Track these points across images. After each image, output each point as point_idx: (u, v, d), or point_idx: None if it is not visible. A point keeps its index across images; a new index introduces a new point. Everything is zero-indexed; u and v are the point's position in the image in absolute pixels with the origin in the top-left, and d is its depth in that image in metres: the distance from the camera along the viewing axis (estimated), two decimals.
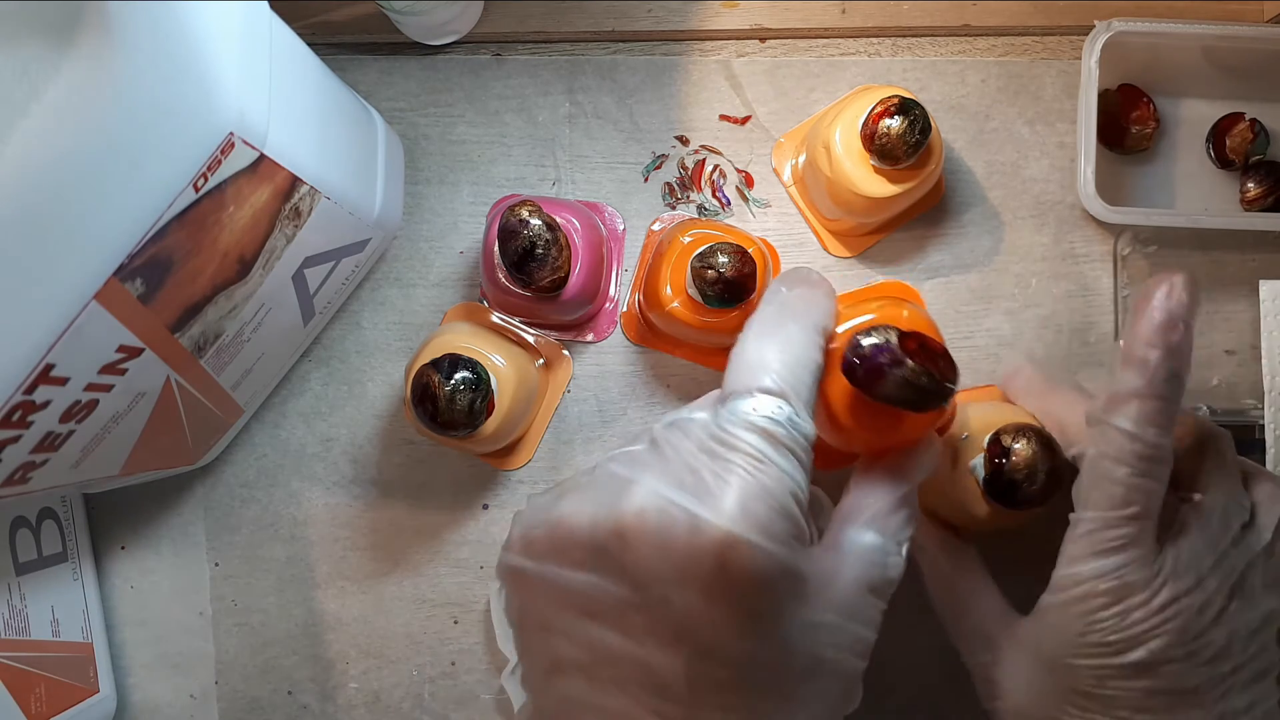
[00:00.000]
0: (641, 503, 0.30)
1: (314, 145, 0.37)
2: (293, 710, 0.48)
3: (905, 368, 0.32)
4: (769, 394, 0.31)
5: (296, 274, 0.40)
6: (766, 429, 0.30)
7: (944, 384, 0.32)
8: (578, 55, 0.49)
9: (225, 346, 0.39)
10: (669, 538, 0.29)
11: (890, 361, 0.32)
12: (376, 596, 0.48)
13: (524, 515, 0.33)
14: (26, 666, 0.42)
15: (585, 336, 0.48)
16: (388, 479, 0.48)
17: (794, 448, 0.30)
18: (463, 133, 0.49)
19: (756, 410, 0.30)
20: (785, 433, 0.30)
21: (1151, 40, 0.46)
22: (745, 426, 0.30)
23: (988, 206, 0.48)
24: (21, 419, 0.30)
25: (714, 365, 0.48)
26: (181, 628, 0.48)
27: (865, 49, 0.49)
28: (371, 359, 0.49)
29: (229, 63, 0.31)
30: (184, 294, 0.34)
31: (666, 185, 0.49)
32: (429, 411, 0.40)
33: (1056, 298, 0.48)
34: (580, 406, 0.48)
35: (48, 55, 0.25)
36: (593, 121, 0.49)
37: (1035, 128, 0.49)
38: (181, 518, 0.49)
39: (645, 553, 0.29)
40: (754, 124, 0.49)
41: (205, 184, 0.31)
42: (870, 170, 0.43)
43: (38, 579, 0.44)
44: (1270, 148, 0.48)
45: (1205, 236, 0.48)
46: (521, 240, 0.40)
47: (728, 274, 0.41)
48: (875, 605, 0.32)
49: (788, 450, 0.30)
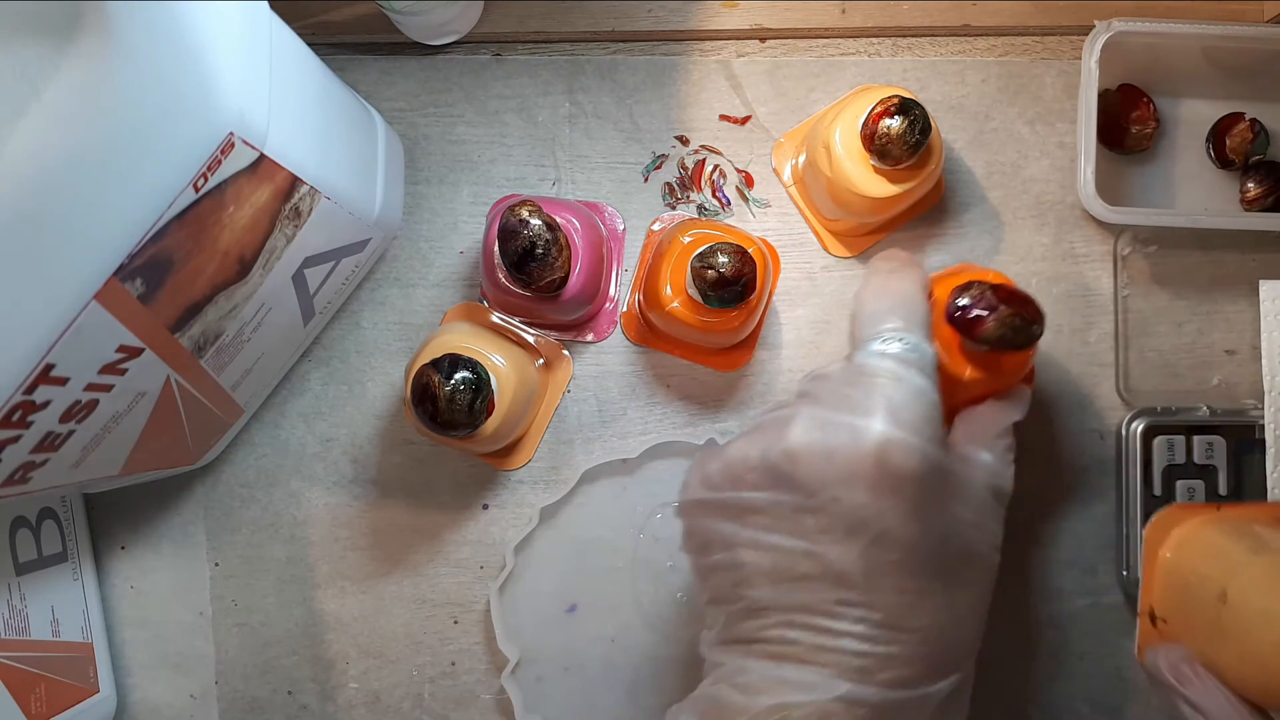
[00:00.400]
0: (804, 425, 0.34)
1: (314, 145, 0.37)
2: (293, 710, 0.48)
3: (1000, 312, 0.38)
4: (894, 331, 0.37)
5: (296, 274, 0.40)
6: (899, 355, 0.36)
7: (1033, 324, 0.38)
8: (578, 55, 0.49)
9: (225, 346, 0.39)
10: (832, 447, 0.34)
11: (988, 308, 0.38)
12: (376, 596, 0.48)
13: (698, 460, 0.38)
14: (26, 666, 0.42)
15: (585, 336, 0.48)
16: (388, 479, 0.48)
17: (924, 367, 0.36)
18: (463, 133, 0.49)
19: (887, 345, 0.36)
20: (915, 356, 0.36)
21: (1151, 40, 0.46)
22: (880, 357, 0.36)
23: (988, 206, 0.48)
24: (21, 419, 0.30)
25: (714, 365, 0.48)
26: (181, 628, 0.48)
27: (865, 49, 0.49)
28: (371, 359, 0.49)
29: (229, 63, 0.31)
30: (184, 294, 0.34)
31: (666, 185, 0.49)
32: (429, 411, 0.40)
33: (1056, 298, 0.48)
34: (580, 406, 0.48)
35: (48, 55, 0.25)
36: (593, 121, 0.49)
37: (1035, 128, 0.49)
38: (181, 518, 0.49)
39: (813, 463, 0.34)
40: (754, 124, 0.49)
41: (205, 184, 0.31)
42: (870, 170, 0.43)
43: (38, 579, 0.44)
44: (1270, 148, 0.48)
45: (1205, 236, 0.48)
46: (521, 240, 0.40)
47: (728, 274, 0.41)
48: (999, 509, 0.38)
49: (918, 370, 0.36)
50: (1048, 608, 0.48)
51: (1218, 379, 0.48)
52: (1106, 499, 0.48)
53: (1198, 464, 0.46)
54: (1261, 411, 0.46)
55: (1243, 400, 0.48)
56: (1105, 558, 0.48)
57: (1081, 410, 0.48)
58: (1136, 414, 0.47)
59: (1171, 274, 0.48)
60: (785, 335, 0.48)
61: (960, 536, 0.36)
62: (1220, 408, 0.47)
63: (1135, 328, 0.48)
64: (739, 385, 0.48)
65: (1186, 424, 0.46)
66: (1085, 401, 0.48)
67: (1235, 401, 0.48)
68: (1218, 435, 0.46)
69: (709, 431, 0.47)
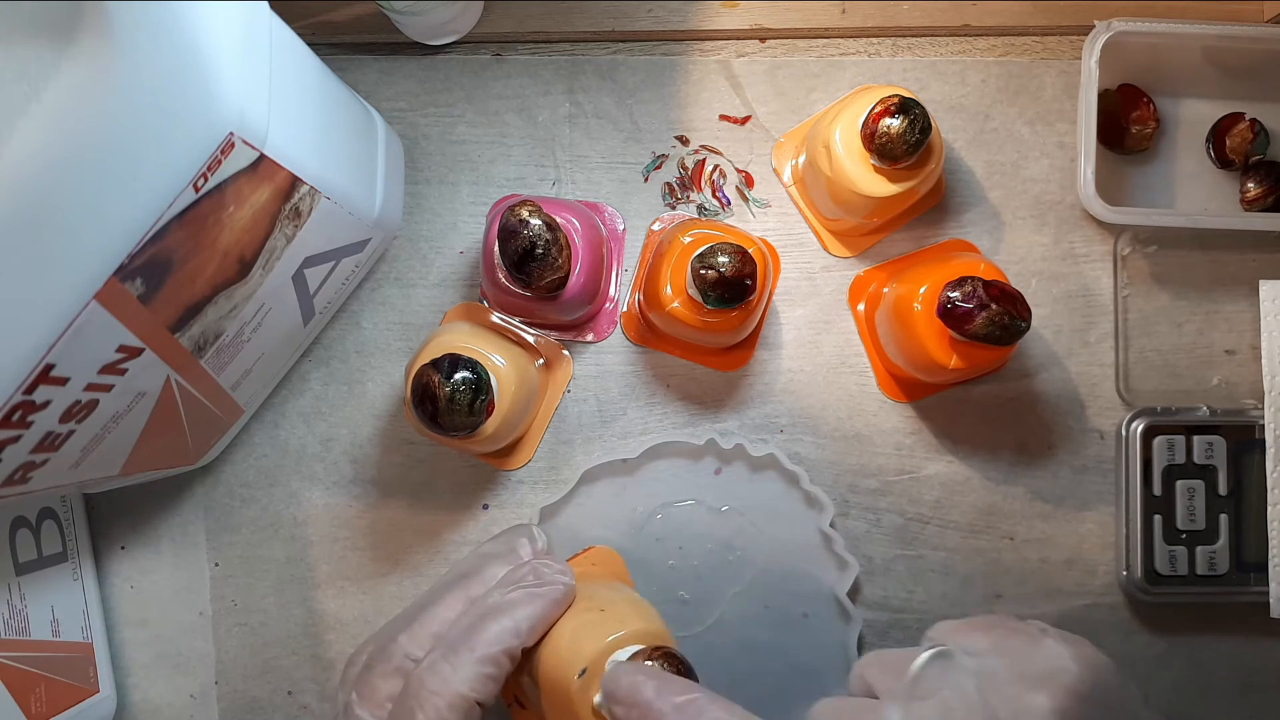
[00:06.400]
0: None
1: (314, 145, 0.37)
2: (293, 710, 0.48)
3: (990, 310, 0.39)
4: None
5: (296, 274, 0.40)
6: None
7: (1020, 322, 0.40)
8: (578, 55, 0.49)
9: (225, 346, 0.39)
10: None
11: (978, 305, 0.39)
12: (376, 596, 0.48)
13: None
14: (26, 666, 0.42)
15: (585, 336, 0.48)
16: (388, 479, 0.48)
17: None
18: (463, 133, 0.49)
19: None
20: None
21: (1151, 40, 0.46)
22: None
23: (988, 206, 0.48)
24: (21, 419, 0.30)
25: (714, 365, 0.48)
26: (181, 628, 0.48)
27: (865, 49, 0.49)
28: (371, 359, 0.49)
29: (229, 63, 0.31)
30: (184, 294, 0.34)
31: (666, 185, 0.49)
32: (429, 411, 0.40)
33: (1056, 298, 0.48)
34: (580, 406, 0.48)
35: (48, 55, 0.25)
36: (593, 121, 0.49)
37: (1035, 128, 0.49)
38: (181, 518, 0.49)
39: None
40: (754, 124, 0.49)
41: (205, 184, 0.31)
42: (870, 170, 0.43)
43: (38, 579, 0.44)
44: (1270, 148, 0.48)
45: (1205, 236, 0.48)
46: (521, 240, 0.40)
47: (728, 274, 0.41)
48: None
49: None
50: (1048, 608, 0.48)
51: (1218, 379, 0.48)
52: (1106, 499, 0.48)
53: (1198, 464, 0.46)
54: (1261, 411, 0.46)
55: (1243, 400, 0.48)
56: (1105, 558, 0.48)
57: (1081, 410, 0.48)
58: (1136, 414, 0.47)
59: (1171, 274, 0.48)
60: (785, 335, 0.48)
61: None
62: (1220, 408, 0.47)
63: (1135, 328, 0.48)
64: (739, 385, 0.48)
65: (1186, 424, 0.46)
66: (1085, 401, 0.48)
67: (1235, 401, 0.48)
68: (1218, 435, 0.46)
69: (709, 431, 0.47)
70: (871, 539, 0.48)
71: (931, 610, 0.47)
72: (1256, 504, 0.46)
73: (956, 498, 0.48)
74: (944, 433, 0.48)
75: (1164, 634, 0.48)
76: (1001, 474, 0.48)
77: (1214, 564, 0.46)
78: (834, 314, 0.48)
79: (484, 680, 0.34)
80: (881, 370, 0.48)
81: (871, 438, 0.48)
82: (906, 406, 0.48)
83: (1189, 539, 0.46)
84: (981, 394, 0.48)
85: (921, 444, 0.48)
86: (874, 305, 0.47)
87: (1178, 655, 0.48)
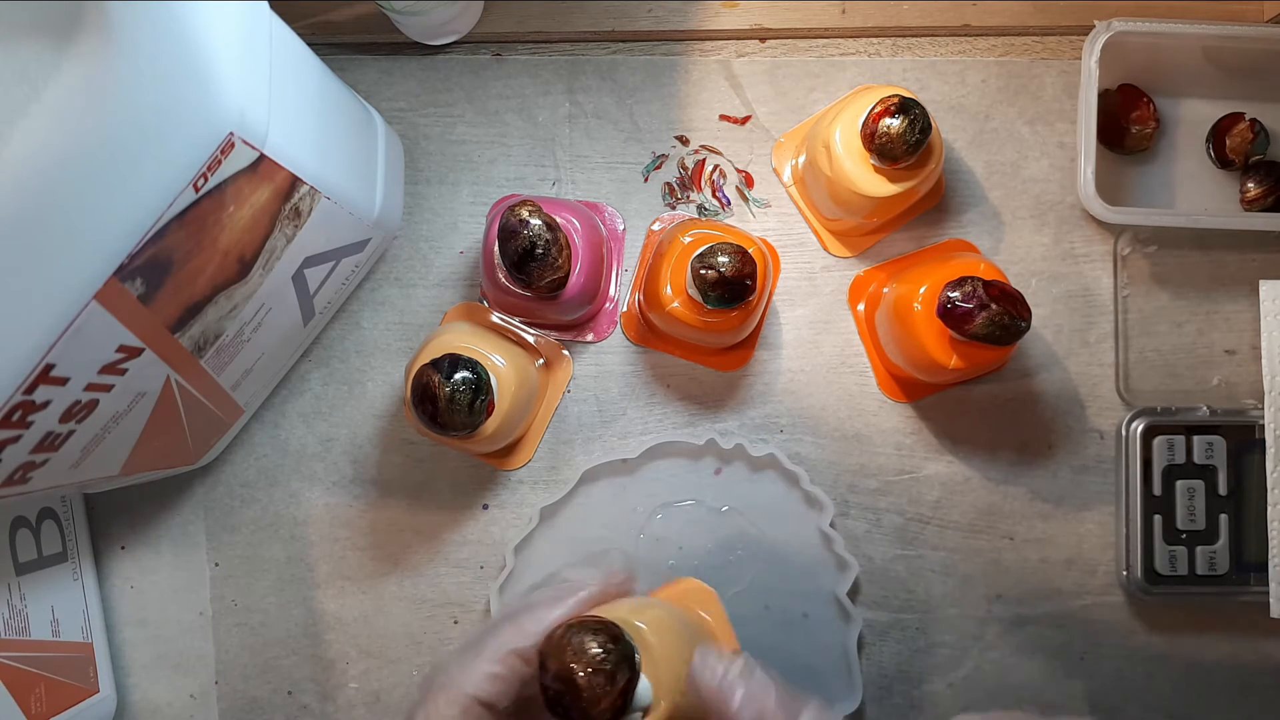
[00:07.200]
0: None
1: (314, 145, 0.37)
2: (293, 710, 0.48)
3: (990, 310, 0.40)
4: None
5: (296, 274, 0.40)
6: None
7: (1020, 322, 0.40)
8: (578, 55, 0.49)
9: (225, 346, 0.39)
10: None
11: (978, 305, 0.40)
12: (376, 596, 0.48)
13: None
14: (26, 666, 0.42)
15: (585, 336, 0.48)
16: (388, 479, 0.48)
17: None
18: (463, 133, 0.49)
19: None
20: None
21: (1151, 40, 0.46)
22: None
23: (988, 206, 0.48)
24: (21, 419, 0.30)
25: (714, 365, 0.48)
26: (181, 628, 0.48)
27: (865, 49, 0.49)
28: (371, 359, 0.49)
29: (229, 63, 0.31)
30: (184, 294, 0.34)
31: (666, 185, 0.49)
32: (429, 411, 0.40)
33: (1056, 298, 0.48)
34: (580, 406, 0.48)
35: (48, 55, 0.25)
36: (593, 121, 0.49)
37: (1035, 128, 0.49)
38: (181, 518, 0.49)
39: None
40: (754, 124, 0.49)
41: (205, 184, 0.31)
42: (870, 170, 0.43)
43: (38, 579, 0.44)
44: (1270, 148, 0.48)
45: (1205, 236, 0.48)
46: (521, 240, 0.40)
47: (728, 274, 0.41)
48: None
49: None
50: (1048, 607, 0.48)
51: (1218, 379, 0.48)
52: (1106, 499, 0.48)
53: (1198, 464, 0.46)
54: (1261, 411, 0.46)
55: (1243, 400, 0.48)
56: (1105, 558, 0.48)
57: (1081, 410, 0.48)
58: (1136, 414, 0.47)
59: (1171, 274, 0.48)
60: (785, 335, 0.48)
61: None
62: (1220, 408, 0.47)
63: (1135, 328, 0.48)
64: (739, 385, 0.48)
65: (1186, 424, 0.46)
66: (1085, 401, 0.48)
67: (1235, 401, 0.48)
68: (1218, 435, 0.46)
69: (709, 431, 0.47)
70: (871, 539, 0.48)
71: (932, 610, 0.47)
72: (1256, 504, 0.46)
73: (956, 498, 0.48)
74: (944, 433, 0.48)
75: (1164, 634, 0.48)
76: (1001, 474, 0.48)
77: (1214, 564, 0.46)
78: (834, 314, 0.48)
79: (490, 679, 0.34)
80: (881, 370, 0.48)
81: (871, 438, 0.48)
82: (906, 406, 0.48)
83: (1189, 539, 0.46)
84: (981, 394, 0.48)
85: (921, 444, 0.48)
86: (874, 305, 0.48)
87: (1178, 655, 0.48)
